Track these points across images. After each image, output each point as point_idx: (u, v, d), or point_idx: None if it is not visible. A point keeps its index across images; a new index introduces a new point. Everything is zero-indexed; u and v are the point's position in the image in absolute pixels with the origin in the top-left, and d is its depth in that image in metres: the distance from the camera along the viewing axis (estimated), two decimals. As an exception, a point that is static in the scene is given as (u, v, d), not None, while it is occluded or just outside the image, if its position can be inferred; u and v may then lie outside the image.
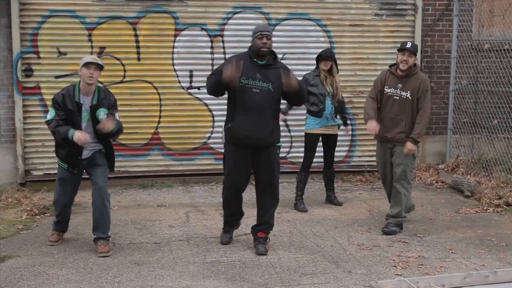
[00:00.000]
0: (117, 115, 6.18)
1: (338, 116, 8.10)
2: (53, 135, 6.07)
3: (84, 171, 6.28)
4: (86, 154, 6.13)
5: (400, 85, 6.77)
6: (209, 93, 6.23)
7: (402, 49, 6.71)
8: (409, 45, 6.69)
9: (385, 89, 6.84)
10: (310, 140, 7.98)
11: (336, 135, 8.05)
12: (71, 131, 5.85)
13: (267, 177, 6.14)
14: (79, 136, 5.83)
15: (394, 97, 6.79)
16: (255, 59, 5.99)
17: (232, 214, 6.47)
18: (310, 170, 8.20)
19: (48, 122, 6.02)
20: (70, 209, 6.54)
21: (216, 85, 6.00)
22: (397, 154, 6.83)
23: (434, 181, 9.37)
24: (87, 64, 5.93)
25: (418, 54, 9.69)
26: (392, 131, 6.81)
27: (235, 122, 5.99)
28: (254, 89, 5.91)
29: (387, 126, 6.83)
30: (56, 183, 6.33)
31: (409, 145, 6.70)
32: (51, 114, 6.00)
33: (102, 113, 6.05)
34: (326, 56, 7.84)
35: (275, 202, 6.28)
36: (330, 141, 8.04)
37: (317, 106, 7.82)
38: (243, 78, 5.92)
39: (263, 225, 6.26)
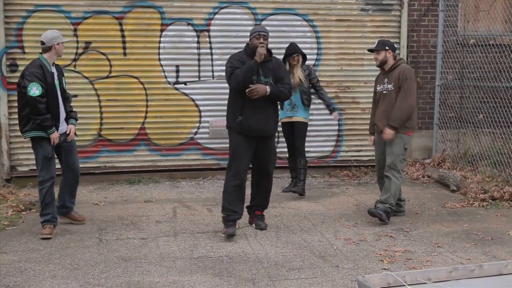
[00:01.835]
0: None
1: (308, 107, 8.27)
2: (35, 112, 6.31)
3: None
4: (62, 129, 6.61)
5: (386, 80, 7.10)
6: (240, 84, 6.35)
7: (370, 50, 7.25)
8: (375, 44, 7.17)
9: (377, 88, 7.26)
10: (282, 130, 8.34)
11: (298, 123, 8.18)
12: (54, 129, 6.42)
13: (266, 164, 6.65)
14: (55, 136, 6.46)
15: (384, 92, 7.12)
16: (254, 58, 6.39)
17: (233, 211, 6.47)
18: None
19: (38, 99, 6.27)
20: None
21: (252, 72, 6.31)
22: (388, 144, 7.05)
23: (420, 176, 9.41)
24: (63, 42, 6.57)
25: (405, 49, 9.76)
26: (383, 122, 7.07)
27: (246, 116, 6.40)
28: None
29: (380, 118, 7.14)
30: (43, 162, 6.47)
31: (386, 131, 6.98)
32: (38, 89, 6.29)
33: (64, 80, 6.74)
34: (292, 53, 8.05)
35: (270, 183, 6.80)
36: (293, 129, 8.24)
37: None
38: None
39: (261, 206, 6.85)
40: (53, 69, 6.53)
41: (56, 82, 6.54)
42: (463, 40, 9.68)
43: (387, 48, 7.04)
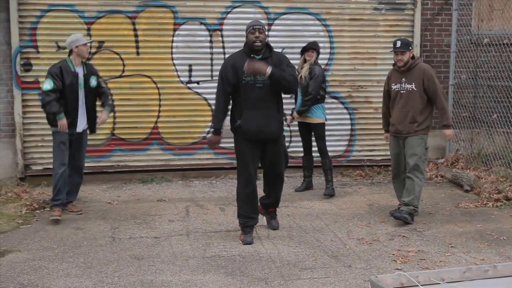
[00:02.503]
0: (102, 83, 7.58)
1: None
2: (43, 102, 6.94)
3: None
4: (80, 128, 7.18)
5: (404, 79, 7.02)
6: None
7: (394, 51, 7.02)
8: (398, 44, 6.94)
9: (391, 86, 7.14)
10: (298, 129, 8.50)
11: (315, 125, 8.21)
12: (62, 114, 6.87)
13: (278, 165, 6.43)
14: (63, 123, 6.88)
15: (401, 91, 7.04)
16: (252, 55, 6.15)
17: (249, 217, 6.37)
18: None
19: (47, 93, 6.84)
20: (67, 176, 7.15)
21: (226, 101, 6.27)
22: (409, 145, 6.98)
23: (433, 176, 9.37)
24: (85, 44, 7.12)
25: (418, 48, 9.72)
26: (403, 123, 7.01)
27: (245, 119, 6.13)
28: (257, 84, 6.08)
29: (398, 119, 7.05)
30: (57, 149, 7.04)
31: (447, 132, 7.11)
32: (50, 84, 6.86)
33: (93, 80, 7.22)
34: (308, 48, 8.15)
35: (282, 182, 6.66)
36: (309, 129, 8.31)
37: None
38: (245, 76, 6.08)
39: (275, 204, 6.77)
40: (78, 69, 7.06)
41: (80, 81, 7.07)
42: (477, 39, 9.63)
43: (410, 48, 6.98)
